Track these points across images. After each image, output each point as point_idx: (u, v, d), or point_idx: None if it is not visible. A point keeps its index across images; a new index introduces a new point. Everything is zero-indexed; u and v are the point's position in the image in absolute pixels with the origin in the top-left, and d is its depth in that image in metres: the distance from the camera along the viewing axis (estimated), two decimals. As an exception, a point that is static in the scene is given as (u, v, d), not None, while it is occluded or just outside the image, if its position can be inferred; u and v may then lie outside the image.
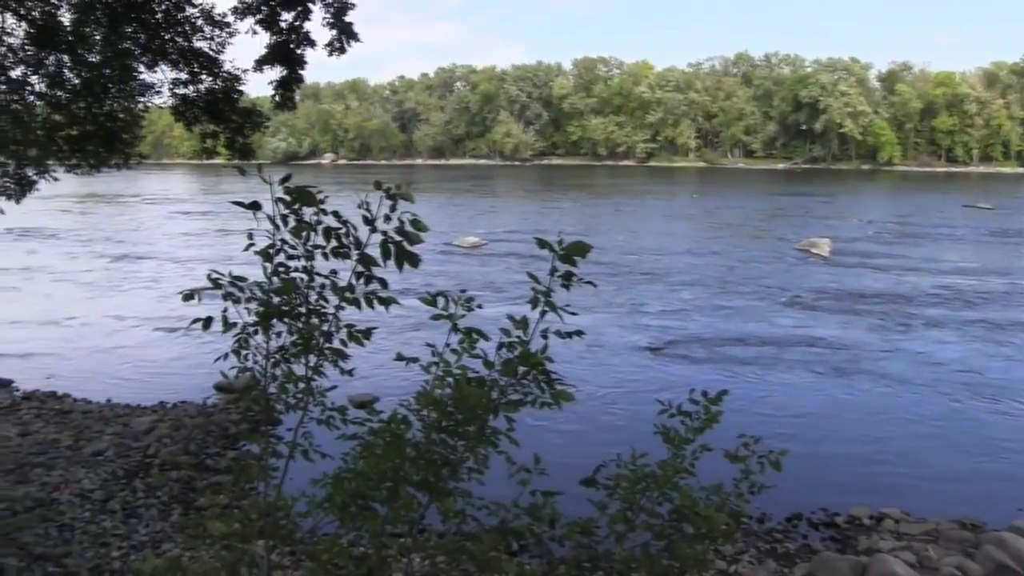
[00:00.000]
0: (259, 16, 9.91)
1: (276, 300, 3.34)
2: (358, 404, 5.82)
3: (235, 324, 3.41)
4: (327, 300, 3.39)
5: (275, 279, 3.34)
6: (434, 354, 3.42)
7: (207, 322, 3.41)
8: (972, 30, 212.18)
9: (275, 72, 10.31)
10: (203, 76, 10.78)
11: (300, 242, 3.23)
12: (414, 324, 16.27)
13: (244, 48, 10.89)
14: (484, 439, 3.31)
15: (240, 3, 9.89)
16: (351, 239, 3.13)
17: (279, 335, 3.47)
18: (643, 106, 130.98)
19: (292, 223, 3.17)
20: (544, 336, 3.15)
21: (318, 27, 9.97)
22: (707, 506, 3.53)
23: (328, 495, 3.53)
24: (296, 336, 3.42)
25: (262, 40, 10.05)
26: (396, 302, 3.29)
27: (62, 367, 16.25)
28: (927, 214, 49.66)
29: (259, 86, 11.44)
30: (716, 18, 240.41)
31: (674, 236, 39.44)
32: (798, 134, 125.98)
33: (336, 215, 3.15)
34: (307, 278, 3.34)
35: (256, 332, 3.45)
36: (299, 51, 10.19)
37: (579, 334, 3.17)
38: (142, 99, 11.26)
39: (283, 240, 3.25)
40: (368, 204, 2.97)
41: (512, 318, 3.18)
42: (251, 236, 3.31)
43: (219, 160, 12.02)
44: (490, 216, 49.11)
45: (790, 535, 9.39)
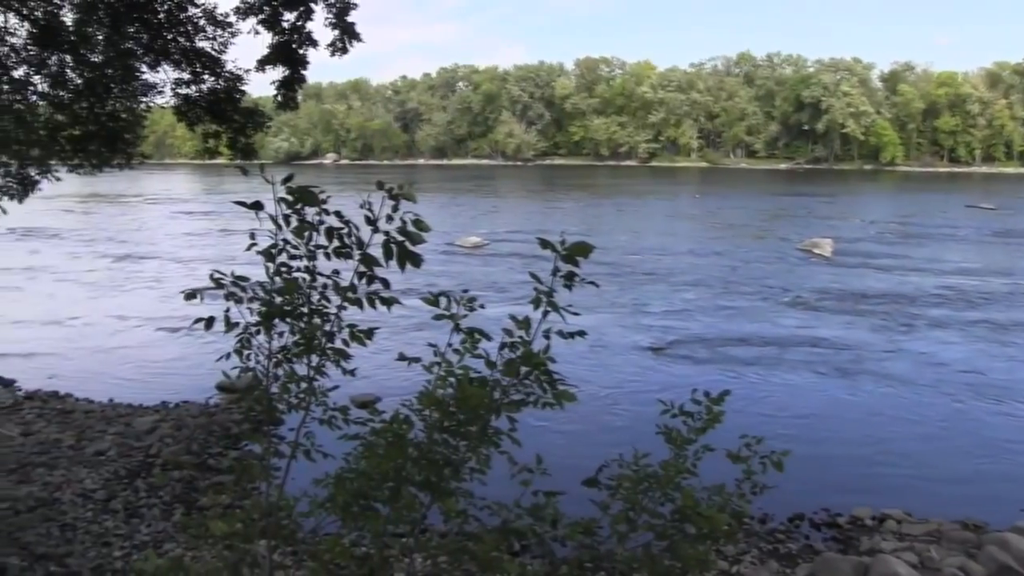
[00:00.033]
0: (261, 16, 9.92)
1: (278, 300, 3.35)
2: (360, 404, 5.82)
3: (237, 324, 3.42)
4: (329, 300, 3.39)
5: (277, 279, 3.35)
6: (436, 354, 3.42)
7: (209, 322, 3.41)
8: (973, 30, 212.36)
9: (277, 72, 10.33)
10: (205, 76, 10.79)
11: (302, 242, 3.24)
12: (416, 324, 16.28)
13: (246, 48, 10.95)
14: (486, 439, 3.31)
15: (242, 3, 9.90)
16: (353, 239, 3.14)
17: (281, 335, 3.48)
18: (645, 106, 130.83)
19: (294, 223, 3.18)
20: (546, 336, 3.15)
21: (320, 27, 10.00)
22: (709, 506, 3.52)
23: (330, 495, 3.53)
24: (298, 336, 3.43)
25: (264, 40, 10.08)
26: (398, 302, 3.29)
27: (64, 367, 16.27)
28: (929, 214, 49.57)
29: (261, 86, 11.51)
30: (718, 18, 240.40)
31: (676, 236, 39.40)
32: (800, 134, 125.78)
33: (338, 215, 3.15)
34: (309, 278, 3.35)
35: (258, 332, 3.46)
36: (301, 51, 10.21)
37: (581, 334, 3.16)
38: (144, 99, 11.28)
39: (285, 240, 3.26)
40: (370, 204, 2.97)
41: (514, 318, 3.17)
42: (253, 236, 3.31)
43: (221, 160, 12.02)
44: (492, 216, 49.10)
45: (792, 535, 9.38)
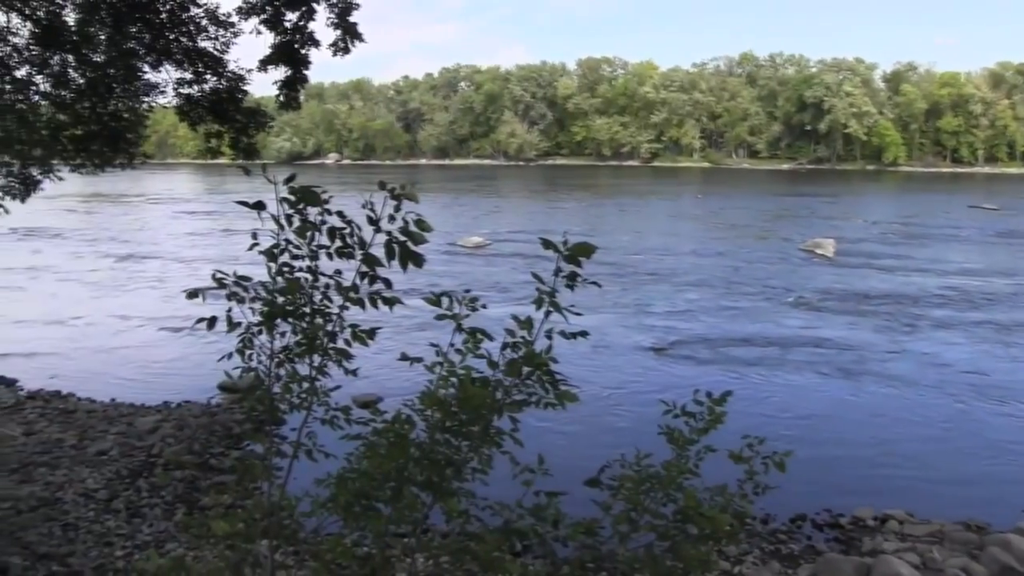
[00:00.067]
0: (263, 16, 9.91)
1: (280, 300, 3.35)
2: (362, 404, 5.82)
3: (239, 324, 3.42)
4: (331, 300, 3.39)
5: (279, 279, 3.34)
6: (438, 354, 3.41)
7: (211, 322, 3.41)
8: (974, 31, 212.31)
9: (279, 72, 10.32)
10: (207, 76, 10.78)
11: (304, 242, 3.23)
12: (418, 324, 16.29)
13: (248, 48, 10.95)
14: (488, 439, 3.31)
15: (244, 3, 9.90)
16: (355, 239, 3.13)
17: (283, 335, 3.48)
18: (647, 106, 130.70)
19: (296, 223, 3.17)
20: (548, 336, 3.14)
21: (322, 27, 9.99)
22: (711, 507, 3.52)
23: (332, 495, 3.53)
24: (300, 336, 3.43)
25: (266, 40, 10.07)
26: (400, 302, 3.29)
27: (66, 366, 16.29)
28: (932, 215, 49.49)
29: (263, 86, 11.50)
30: (720, 18, 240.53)
31: (679, 236, 39.38)
32: (803, 134, 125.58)
33: (340, 215, 3.15)
34: (311, 278, 3.35)
35: (260, 332, 3.46)
36: (303, 51, 10.20)
37: (583, 335, 3.16)
38: (146, 99, 11.28)
39: (287, 240, 3.26)
40: (372, 204, 2.96)
41: (516, 318, 3.17)
42: (255, 236, 3.32)
43: (223, 160, 12.01)
44: (494, 216, 49.09)
45: (794, 536, 9.37)
